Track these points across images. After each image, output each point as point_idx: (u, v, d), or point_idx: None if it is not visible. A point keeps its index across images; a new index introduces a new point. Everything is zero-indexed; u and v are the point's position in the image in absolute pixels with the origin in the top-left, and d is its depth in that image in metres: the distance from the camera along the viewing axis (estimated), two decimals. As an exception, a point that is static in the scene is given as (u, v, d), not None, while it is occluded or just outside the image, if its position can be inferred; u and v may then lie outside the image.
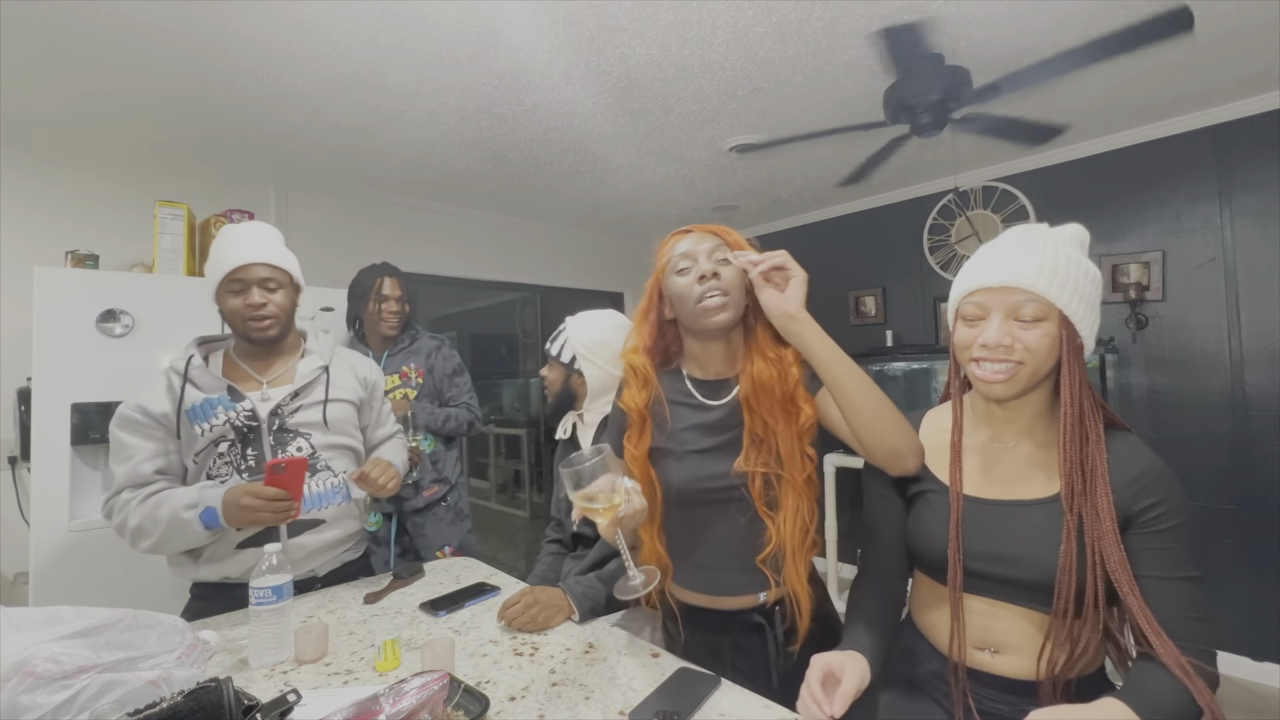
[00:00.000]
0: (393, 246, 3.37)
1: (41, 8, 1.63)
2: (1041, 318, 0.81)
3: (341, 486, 1.38)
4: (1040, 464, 0.87)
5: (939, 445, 0.95)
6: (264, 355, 1.39)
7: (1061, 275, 0.81)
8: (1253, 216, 2.49)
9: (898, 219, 3.63)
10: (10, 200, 2.35)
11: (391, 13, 1.71)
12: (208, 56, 1.90)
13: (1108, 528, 0.77)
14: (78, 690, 0.70)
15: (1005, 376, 0.83)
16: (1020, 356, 0.82)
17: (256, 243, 1.34)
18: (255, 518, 1.16)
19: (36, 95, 2.09)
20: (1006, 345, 0.82)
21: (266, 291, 1.33)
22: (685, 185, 3.34)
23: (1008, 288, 0.82)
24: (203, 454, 1.27)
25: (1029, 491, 0.86)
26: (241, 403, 1.30)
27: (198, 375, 1.30)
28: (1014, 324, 0.83)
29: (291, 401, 1.35)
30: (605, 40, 1.89)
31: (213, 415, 1.27)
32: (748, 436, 0.99)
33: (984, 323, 0.85)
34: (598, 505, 0.84)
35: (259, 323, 1.32)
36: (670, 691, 0.86)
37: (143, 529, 1.19)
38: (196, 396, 1.28)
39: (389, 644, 0.99)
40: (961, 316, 0.89)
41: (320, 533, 1.34)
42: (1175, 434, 2.66)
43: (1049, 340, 0.82)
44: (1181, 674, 0.70)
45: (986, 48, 1.97)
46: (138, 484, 1.23)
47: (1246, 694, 2.40)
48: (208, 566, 1.27)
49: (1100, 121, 2.67)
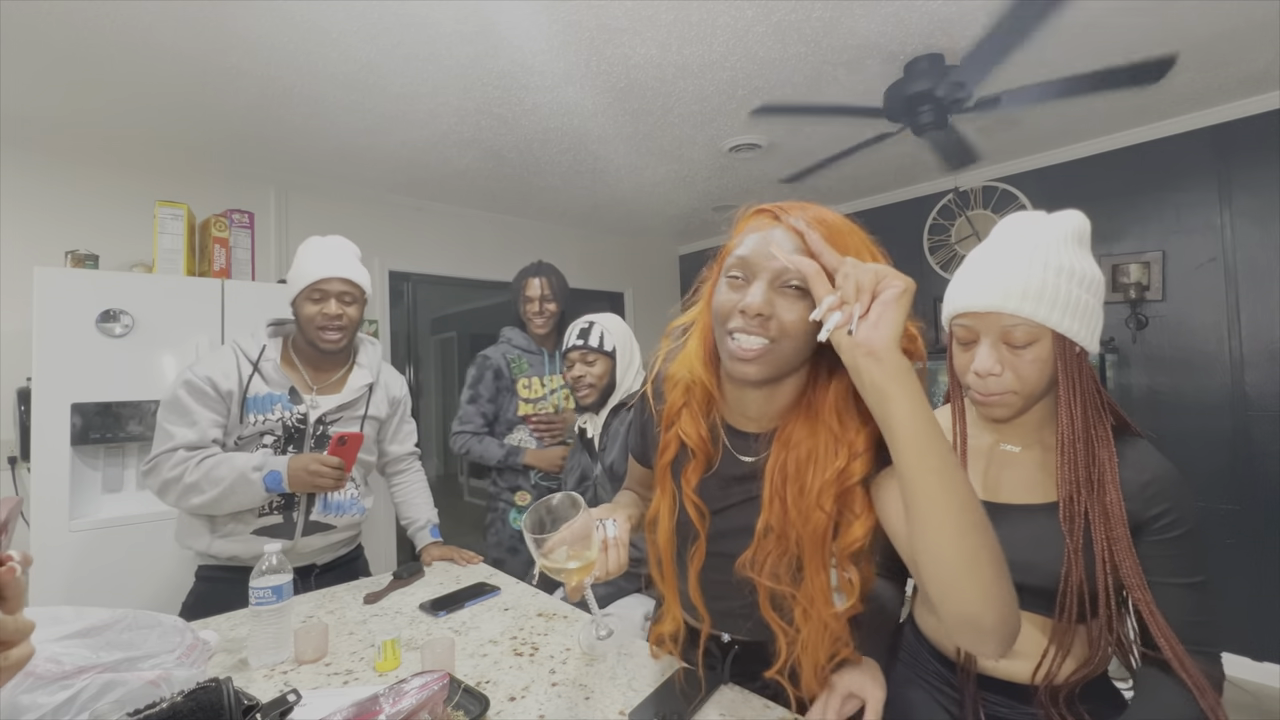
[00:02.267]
0: (393, 246, 3.37)
1: (42, 8, 1.63)
2: (1032, 341, 0.78)
3: (359, 498, 1.49)
4: (1049, 468, 0.85)
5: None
6: (321, 361, 1.47)
7: (1050, 292, 0.76)
8: (1253, 216, 2.49)
9: (898, 219, 3.63)
10: (10, 200, 2.35)
11: (391, 13, 1.71)
12: (208, 57, 1.90)
13: (1120, 534, 0.75)
14: (78, 690, 0.70)
15: (1003, 403, 0.81)
16: (1011, 385, 0.80)
17: (340, 258, 1.43)
18: (318, 483, 1.31)
19: (36, 95, 2.09)
20: (996, 374, 0.79)
21: (343, 304, 1.42)
22: (685, 185, 3.34)
23: (997, 313, 0.78)
24: (247, 439, 1.36)
25: (1036, 495, 0.84)
26: (298, 406, 1.40)
27: (267, 368, 1.39)
28: (1004, 348, 0.80)
29: (336, 411, 1.45)
30: (605, 40, 1.89)
31: (270, 410, 1.37)
32: (761, 524, 0.73)
33: (975, 347, 0.82)
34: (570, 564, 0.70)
35: (331, 333, 1.41)
36: (670, 691, 0.86)
37: (198, 486, 1.28)
38: (261, 388, 1.38)
39: (389, 644, 0.99)
40: (954, 337, 0.86)
41: (329, 535, 1.44)
42: (1175, 434, 2.66)
43: (1040, 364, 0.79)
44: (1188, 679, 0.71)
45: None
46: (196, 446, 1.31)
47: (1246, 694, 2.40)
48: (221, 542, 1.35)
49: (1100, 121, 2.67)
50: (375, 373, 1.53)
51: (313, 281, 1.39)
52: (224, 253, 2.30)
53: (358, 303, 1.46)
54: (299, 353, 1.47)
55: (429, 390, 6.62)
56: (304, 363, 1.46)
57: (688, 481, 0.79)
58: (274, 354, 1.42)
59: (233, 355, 1.39)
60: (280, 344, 1.47)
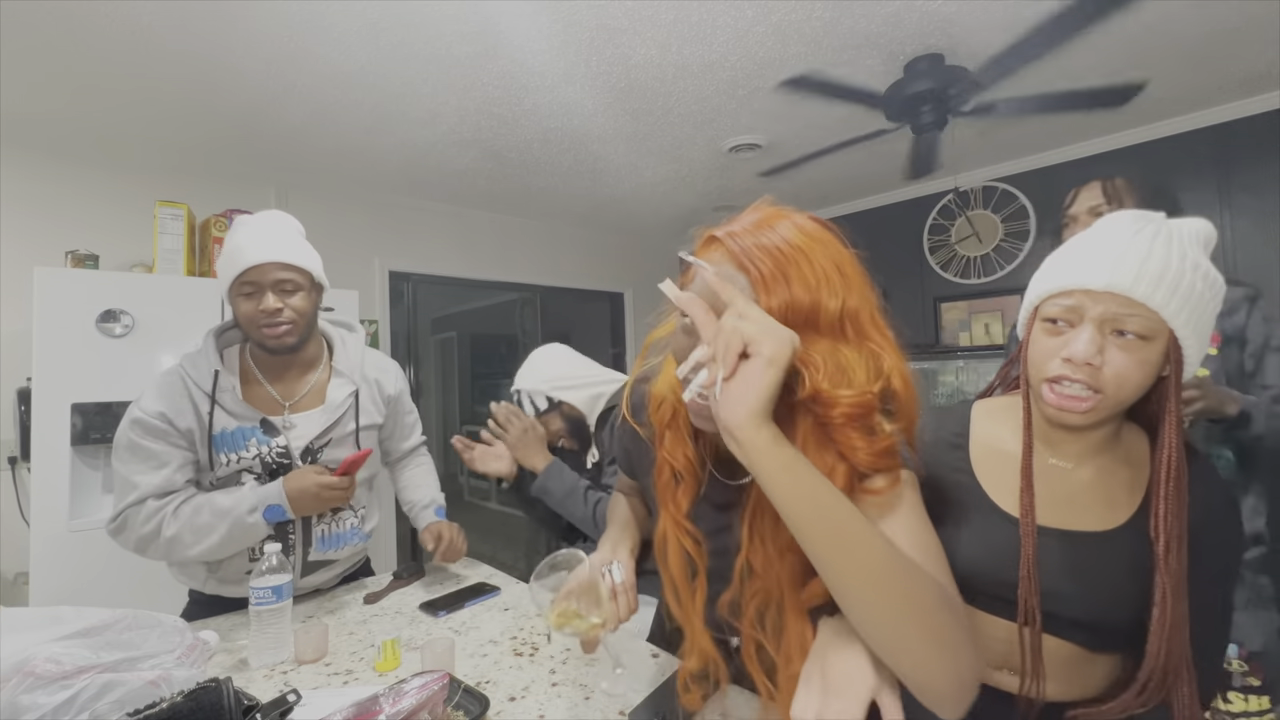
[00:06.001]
0: (393, 246, 3.37)
1: (42, 7, 1.63)
2: (1147, 337, 0.65)
3: (360, 526, 1.35)
4: (1101, 490, 0.74)
5: (990, 452, 0.81)
6: (283, 367, 1.26)
7: (1186, 285, 0.64)
8: (1253, 216, 2.49)
9: (898, 219, 3.63)
10: (10, 200, 2.35)
11: (392, 13, 1.71)
12: (208, 56, 1.90)
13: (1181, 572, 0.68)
14: (77, 690, 0.70)
15: (1085, 407, 0.68)
16: (1103, 384, 0.67)
17: (272, 238, 1.17)
18: (324, 506, 1.18)
19: (37, 95, 2.09)
20: (1095, 366, 0.66)
21: (283, 294, 1.17)
22: (685, 185, 3.34)
23: (1113, 294, 0.66)
24: (224, 479, 1.19)
25: (1088, 522, 0.74)
26: (275, 438, 1.20)
27: (226, 400, 1.18)
28: (1111, 339, 0.67)
29: (323, 436, 1.26)
30: (605, 40, 1.89)
31: (243, 447, 1.18)
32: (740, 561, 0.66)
33: (1072, 332, 0.69)
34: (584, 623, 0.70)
35: (274, 329, 1.17)
36: (670, 692, 0.86)
37: (180, 539, 1.11)
38: (229, 423, 1.18)
39: (389, 644, 0.98)
40: (1043, 318, 0.72)
41: (332, 569, 1.33)
42: (1175, 434, 2.66)
43: (1147, 369, 0.66)
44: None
45: (986, 48, 1.97)
46: (166, 492, 1.13)
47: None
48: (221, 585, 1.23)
49: (1100, 121, 2.67)
50: (357, 376, 1.32)
51: (240, 272, 1.14)
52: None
53: (303, 290, 1.19)
54: (258, 362, 1.25)
55: (429, 390, 6.61)
56: (267, 372, 1.24)
57: (679, 506, 0.74)
58: (231, 379, 1.20)
59: (183, 389, 1.16)
60: (235, 358, 1.25)
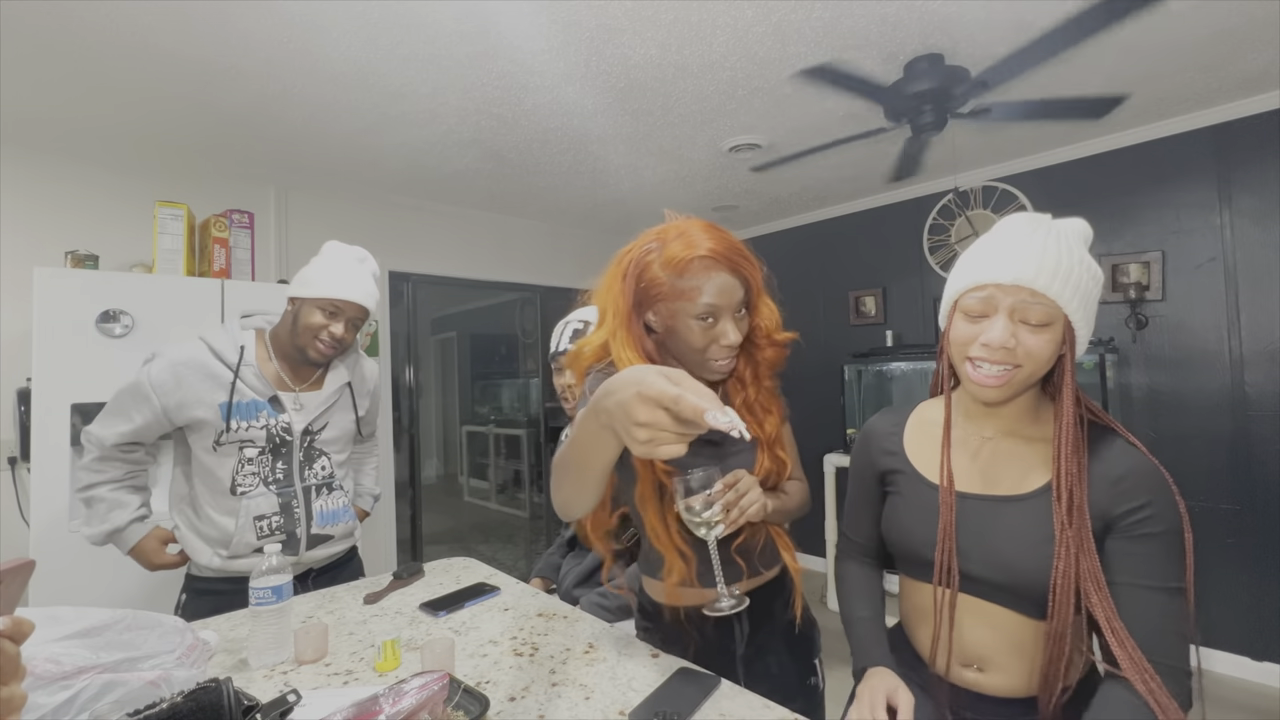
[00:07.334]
0: (393, 246, 3.37)
1: (41, 8, 1.63)
2: (1048, 322, 0.77)
3: (350, 505, 1.50)
4: (1019, 458, 0.85)
5: (925, 438, 0.94)
6: (301, 365, 1.43)
7: (1075, 279, 0.77)
8: (1253, 216, 2.49)
9: (898, 219, 3.63)
10: (10, 200, 2.35)
11: (392, 13, 1.71)
12: (208, 57, 1.90)
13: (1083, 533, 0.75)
14: (77, 691, 0.70)
15: (1001, 381, 0.80)
16: (1020, 360, 0.78)
17: (365, 282, 1.40)
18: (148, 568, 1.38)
19: (36, 95, 2.09)
20: (1009, 348, 0.78)
21: (351, 329, 1.39)
22: (685, 185, 3.34)
23: (1019, 287, 0.77)
24: (225, 448, 1.32)
25: (1007, 487, 0.84)
26: (282, 415, 1.37)
27: (248, 374, 1.34)
28: (1019, 326, 0.78)
29: (320, 419, 1.43)
30: (605, 40, 1.89)
31: (254, 417, 1.34)
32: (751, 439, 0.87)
33: (987, 321, 0.80)
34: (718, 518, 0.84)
35: (328, 348, 1.37)
36: (670, 691, 0.86)
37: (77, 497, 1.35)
38: (244, 394, 1.34)
39: (389, 644, 0.98)
40: (962, 310, 0.84)
41: (330, 545, 1.47)
42: (1175, 434, 2.66)
43: (1052, 346, 0.78)
44: (1147, 694, 0.68)
45: (986, 48, 1.97)
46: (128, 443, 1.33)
47: (1246, 694, 2.40)
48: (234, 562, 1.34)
49: (1100, 122, 2.67)
50: (352, 370, 1.51)
51: (331, 296, 1.35)
52: (224, 253, 2.30)
53: (361, 324, 1.43)
54: (278, 349, 1.41)
55: (429, 390, 6.62)
56: (285, 362, 1.41)
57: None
58: (251, 356, 1.37)
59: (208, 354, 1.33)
60: (253, 340, 1.41)
